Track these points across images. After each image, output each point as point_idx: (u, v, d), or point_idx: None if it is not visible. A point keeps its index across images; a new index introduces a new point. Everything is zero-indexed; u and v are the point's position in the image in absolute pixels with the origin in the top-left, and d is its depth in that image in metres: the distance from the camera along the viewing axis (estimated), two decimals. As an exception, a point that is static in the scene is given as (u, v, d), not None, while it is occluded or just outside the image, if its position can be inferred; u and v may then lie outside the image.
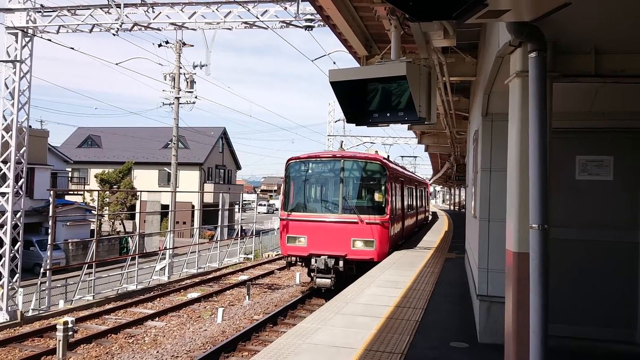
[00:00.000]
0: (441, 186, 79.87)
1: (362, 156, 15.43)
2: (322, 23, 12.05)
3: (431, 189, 58.69)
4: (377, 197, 14.55)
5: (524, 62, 3.67)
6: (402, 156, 47.80)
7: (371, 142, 39.53)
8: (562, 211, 5.44)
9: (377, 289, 9.70)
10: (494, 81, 5.68)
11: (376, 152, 18.63)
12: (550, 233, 3.45)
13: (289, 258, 14.86)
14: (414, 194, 23.04)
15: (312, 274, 14.13)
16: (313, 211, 14.54)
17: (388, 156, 19.19)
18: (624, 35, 3.79)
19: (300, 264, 15.25)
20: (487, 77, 5.74)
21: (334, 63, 17.70)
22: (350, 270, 13.71)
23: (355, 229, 13.88)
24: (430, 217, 36.43)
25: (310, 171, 14.89)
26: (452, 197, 68.16)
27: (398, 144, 39.64)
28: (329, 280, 13.67)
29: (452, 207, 65.32)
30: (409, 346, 6.20)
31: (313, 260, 13.84)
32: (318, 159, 15.02)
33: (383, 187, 14.49)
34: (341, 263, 13.64)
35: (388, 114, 5.17)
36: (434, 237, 21.22)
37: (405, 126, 19.21)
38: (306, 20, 12.95)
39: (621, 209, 5.83)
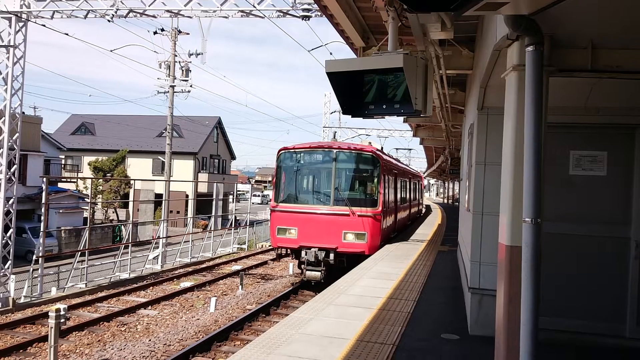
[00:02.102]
0: (435, 179, 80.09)
1: (354, 147, 15.14)
2: (319, 13, 11.99)
3: (425, 182, 58.84)
4: (370, 189, 14.38)
5: (520, 55, 3.66)
6: (396, 148, 47.68)
7: (367, 134, 39.54)
8: (554, 205, 5.47)
9: (370, 280, 9.74)
10: (490, 75, 5.67)
11: (369, 143, 18.39)
12: (543, 227, 3.47)
13: (279, 250, 14.69)
14: (408, 186, 22.89)
15: (303, 266, 13.96)
16: (304, 202, 14.35)
17: (382, 148, 19.01)
18: (621, 30, 3.80)
19: (291, 255, 14.98)
20: (484, 71, 5.74)
21: (331, 54, 17.56)
22: (341, 263, 13.56)
23: (346, 221, 13.69)
24: (424, 210, 36.56)
25: (302, 162, 14.67)
26: (446, 191, 68.42)
27: (393, 137, 39.64)
28: (319, 273, 13.51)
29: (445, 200, 65.57)
30: (400, 337, 6.24)
31: (303, 253, 13.64)
32: (310, 150, 14.75)
33: (376, 179, 14.27)
34: (332, 256, 13.46)
35: (384, 106, 5.17)
36: (427, 230, 21.31)
37: (401, 119, 19.16)
38: (303, 10, 12.87)
39: (613, 204, 5.87)
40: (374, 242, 13.84)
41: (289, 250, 14.53)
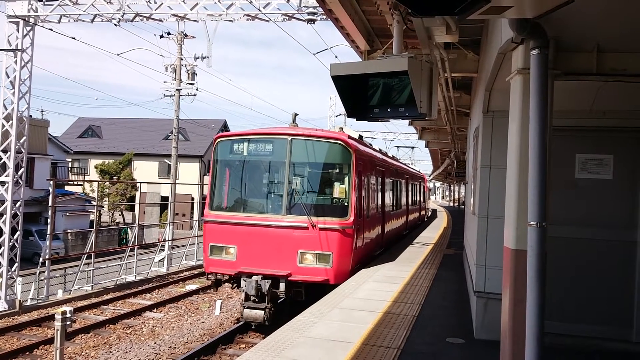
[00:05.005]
0: (441, 182, 79.96)
1: (317, 134, 10.69)
2: (324, 16, 12.02)
3: (430, 184, 58.58)
4: (338, 191, 10.32)
5: (525, 59, 3.66)
6: (397, 147, 46.70)
7: (372, 137, 39.50)
8: (560, 209, 5.45)
9: (375, 284, 9.72)
10: (495, 78, 5.67)
11: (341, 129, 13.95)
12: (548, 231, 3.46)
13: (212, 276, 10.73)
14: (403, 188, 18.90)
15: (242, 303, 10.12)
16: (247, 210, 10.58)
17: (360, 136, 13.77)
18: (627, 34, 3.78)
19: (231, 283, 11.24)
20: (489, 74, 5.73)
21: (336, 57, 17.47)
22: (298, 295, 9.99)
23: (304, 237, 9.95)
24: (429, 214, 36.39)
25: (245, 154, 10.68)
26: (452, 194, 68.29)
27: (399, 140, 39.72)
28: (262, 312, 9.67)
29: (451, 204, 65.45)
30: (405, 341, 6.22)
31: (242, 283, 9.87)
32: (256, 137, 10.72)
33: (346, 178, 10.31)
34: (282, 286, 9.74)
35: (389, 109, 5.18)
36: (432, 234, 21.25)
37: (406, 122, 19.05)
38: (309, 13, 12.91)
39: (620, 208, 5.84)
40: (342, 266, 10.09)
41: (226, 277, 10.86)
